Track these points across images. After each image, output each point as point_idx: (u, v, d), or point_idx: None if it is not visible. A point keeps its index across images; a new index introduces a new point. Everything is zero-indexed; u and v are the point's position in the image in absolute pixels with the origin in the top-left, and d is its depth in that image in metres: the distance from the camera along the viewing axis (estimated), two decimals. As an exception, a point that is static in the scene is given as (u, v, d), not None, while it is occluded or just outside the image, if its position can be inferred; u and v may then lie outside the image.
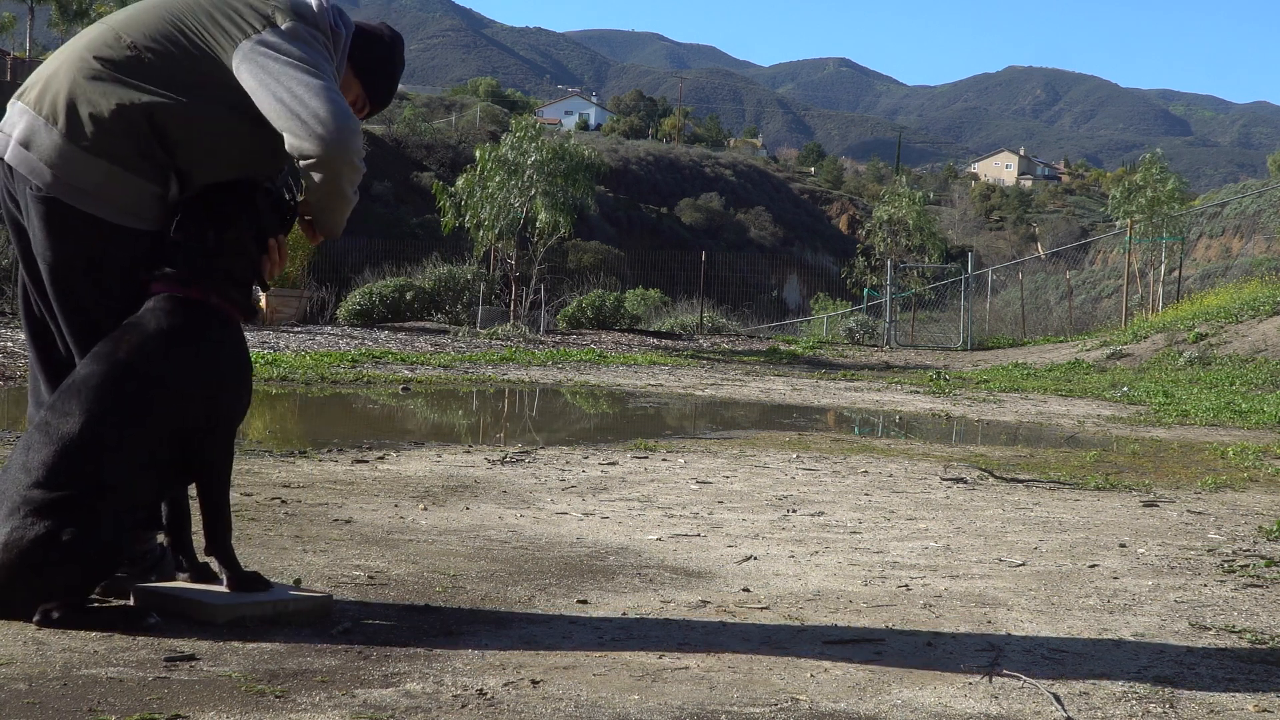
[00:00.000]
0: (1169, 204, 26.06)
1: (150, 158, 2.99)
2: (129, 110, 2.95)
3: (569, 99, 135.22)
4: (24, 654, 2.64)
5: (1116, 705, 2.67)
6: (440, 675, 2.66)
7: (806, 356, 20.25)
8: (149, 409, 2.91)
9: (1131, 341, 19.09)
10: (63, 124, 2.95)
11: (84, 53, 3.03)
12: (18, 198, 3.04)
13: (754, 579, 3.83)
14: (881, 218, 28.14)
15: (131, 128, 2.96)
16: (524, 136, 21.40)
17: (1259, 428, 10.10)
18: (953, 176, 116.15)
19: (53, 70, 3.05)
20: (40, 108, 2.98)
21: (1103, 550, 4.55)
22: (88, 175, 2.95)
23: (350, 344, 15.78)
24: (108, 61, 3.00)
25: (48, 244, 3.00)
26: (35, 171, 2.96)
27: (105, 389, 2.88)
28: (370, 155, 25.23)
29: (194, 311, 2.99)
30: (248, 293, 3.11)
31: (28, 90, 3.04)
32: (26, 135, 2.98)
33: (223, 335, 3.04)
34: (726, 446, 7.52)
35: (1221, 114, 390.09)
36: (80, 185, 2.95)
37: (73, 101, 2.96)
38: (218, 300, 3.02)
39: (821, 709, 2.57)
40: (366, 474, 5.74)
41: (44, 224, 2.99)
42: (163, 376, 2.93)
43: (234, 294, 3.05)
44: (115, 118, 2.95)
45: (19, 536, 2.77)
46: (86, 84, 2.98)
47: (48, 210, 2.98)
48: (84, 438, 2.84)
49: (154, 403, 2.92)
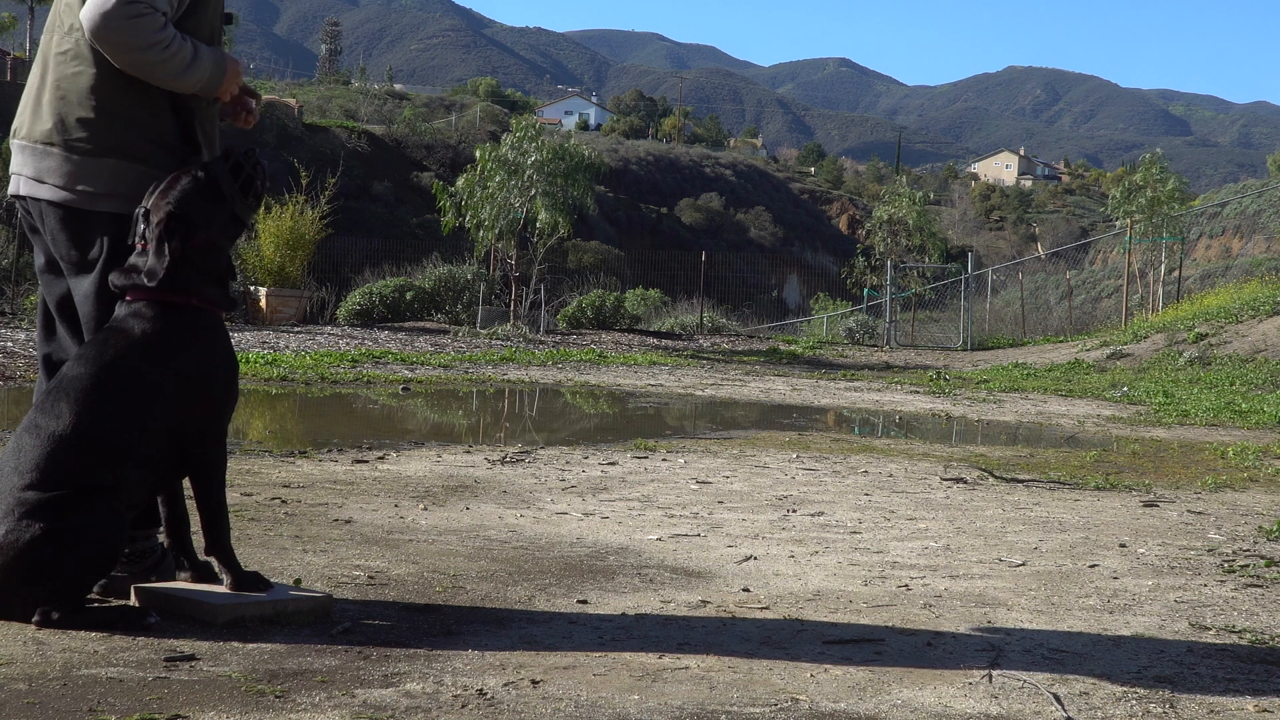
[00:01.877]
0: (1169, 204, 26.04)
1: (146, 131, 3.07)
2: (99, 90, 3.03)
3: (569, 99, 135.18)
4: (24, 654, 2.64)
5: (1116, 705, 2.68)
6: (440, 675, 2.66)
7: (806, 356, 20.25)
8: (138, 409, 2.91)
9: (1131, 341, 19.09)
10: (59, 140, 3.04)
11: (54, 52, 3.11)
12: (35, 223, 3.15)
13: (754, 579, 3.83)
14: (881, 218, 28.12)
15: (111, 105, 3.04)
16: (524, 136, 21.39)
17: (1259, 428, 10.10)
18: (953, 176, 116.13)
19: (35, 92, 3.12)
20: (34, 137, 3.08)
21: (1103, 550, 4.55)
22: (99, 178, 3.03)
23: (350, 344, 15.78)
24: (64, 54, 3.08)
25: (71, 247, 3.08)
26: (54, 199, 3.06)
27: (93, 390, 2.89)
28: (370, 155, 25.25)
29: (175, 314, 2.98)
30: (225, 286, 3.11)
31: (20, 126, 3.14)
32: (37, 170, 3.08)
33: (207, 335, 3.04)
34: (726, 446, 7.52)
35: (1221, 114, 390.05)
36: (95, 189, 3.04)
37: (60, 115, 3.04)
38: (199, 301, 3.02)
39: (821, 709, 2.57)
40: (366, 474, 5.74)
41: (64, 230, 3.07)
42: (150, 377, 2.93)
43: (212, 292, 3.05)
44: (98, 109, 3.03)
45: (14, 539, 2.77)
46: (65, 86, 3.05)
47: (65, 215, 3.06)
48: (74, 438, 2.84)
49: (143, 403, 2.92)
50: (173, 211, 2.97)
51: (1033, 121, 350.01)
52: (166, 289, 2.96)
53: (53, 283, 3.19)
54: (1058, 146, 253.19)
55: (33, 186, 3.09)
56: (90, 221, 3.05)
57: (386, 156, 50.55)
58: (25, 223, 3.20)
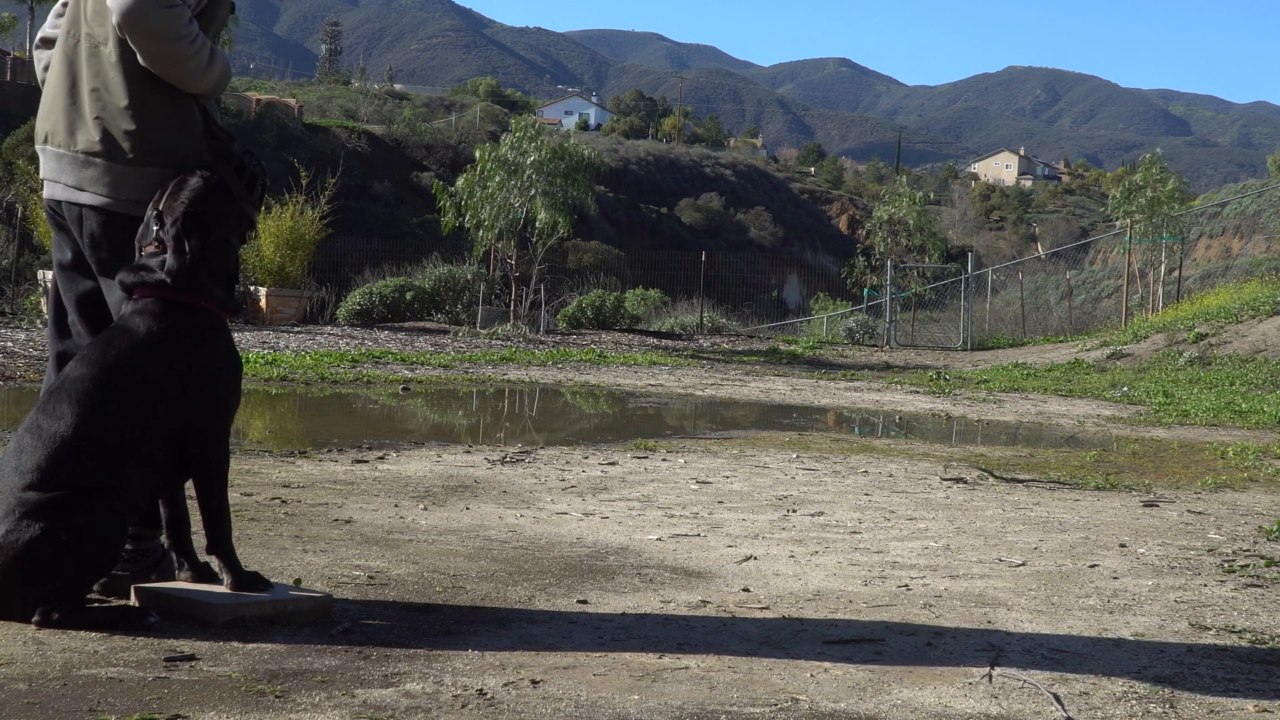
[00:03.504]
0: (1169, 204, 26.04)
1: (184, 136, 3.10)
2: (137, 102, 3.04)
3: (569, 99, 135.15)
4: (24, 654, 2.64)
5: (1116, 705, 2.68)
6: (440, 675, 2.66)
7: (806, 356, 20.25)
8: (140, 410, 2.91)
9: (1131, 341, 19.08)
10: (102, 151, 3.06)
11: (85, 64, 3.12)
12: (67, 222, 3.16)
13: (754, 579, 3.83)
14: (881, 218, 28.12)
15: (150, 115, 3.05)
16: (524, 136, 21.38)
17: (1259, 428, 10.10)
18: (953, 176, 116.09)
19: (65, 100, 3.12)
20: (74, 147, 3.10)
21: (1103, 550, 4.55)
22: (144, 186, 3.07)
23: (350, 344, 15.77)
24: (97, 67, 3.10)
25: (111, 251, 3.10)
26: (96, 204, 3.08)
27: (95, 391, 2.89)
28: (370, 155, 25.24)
29: (182, 315, 2.99)
30: (232, 289, 3.12)
31: (53, 134, 3.14)
32: (78, 180, 3.09)
33: (214, 336, 3.04)
34: (726, 446, 7.52)
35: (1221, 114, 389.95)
36: (140, 197, 3.08)
37: (104, 128, 3.06)
38: (206, 303, 3.03)
39: (821, 709, 2.57)
40: (366, 474, 5.74)
41: (106, 234, 3.10)
42: (152, 378, 2.94)
43: (219, 294, 3.06)
44: (139, 120, 3.05)
45: (14, 539, 2.77)
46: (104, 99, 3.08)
47: (108, 220, 3.09)
48: (76, 439, 2.85)
49: (144, 404, 2.92)
50: (190, 210, 2.99)
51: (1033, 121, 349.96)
52: (181, 288, 2.98)
53: (77, 281, 3.22)
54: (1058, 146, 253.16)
55: (72, 194, 3.10)
56: (134, 227, 3.08)
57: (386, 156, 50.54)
58: (52, 220, 3.21)
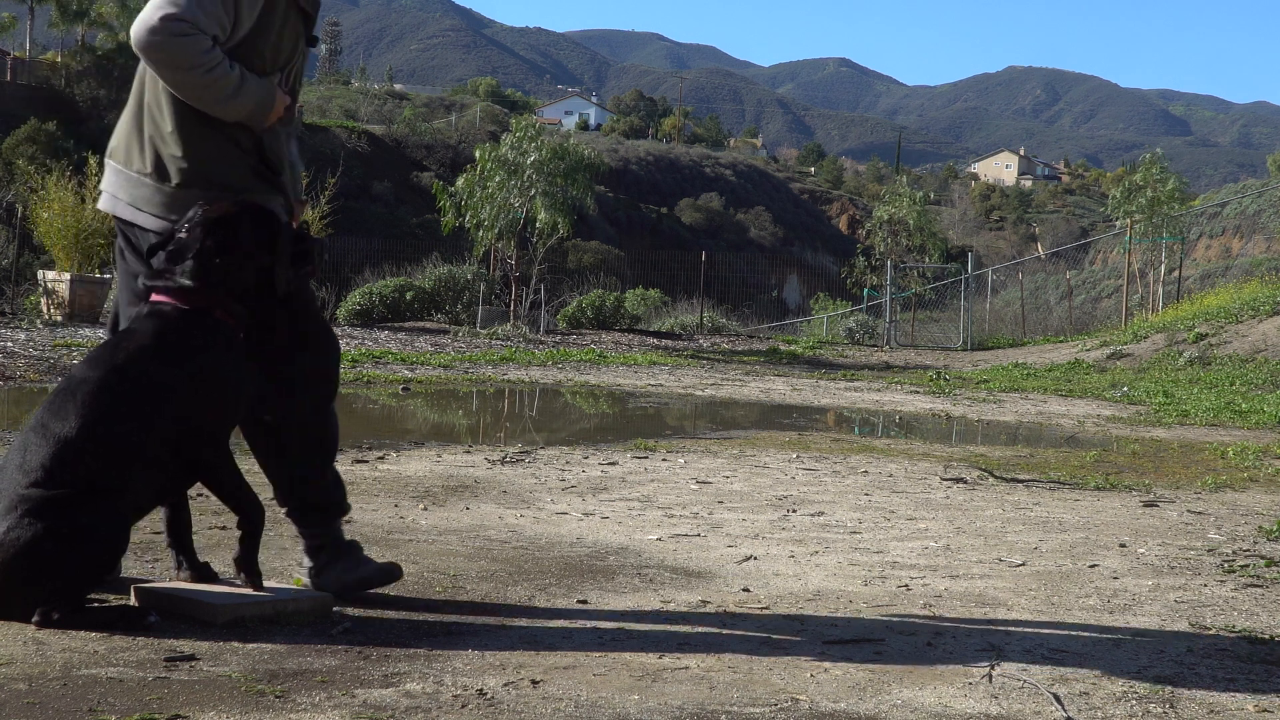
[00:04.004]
0: (1169, 204, 26.04)
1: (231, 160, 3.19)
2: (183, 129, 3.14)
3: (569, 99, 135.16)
4: (24, 654, 2.64)
5: (1116, 705, 2.68)
6: (440, 675, 2.66)
7: (806, 356, 20.24)
8: (145, 413, 2.92)
9: (1131, 341, 19.08)
10: (152, 173, 3.16)
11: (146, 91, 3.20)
12: (129, 246, 3.25)
13: (754, 579, 3.83)
14: (881, 218, 28.12)
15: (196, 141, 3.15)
16: (524, 136, 21.37)
17: (1259, 428, 10.10)
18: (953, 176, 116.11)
19: (132, 123, 3.22)
20: (131, 167, 3.20)
21: (1103, 550, 4.55)
22: (188, 209, 3.12)
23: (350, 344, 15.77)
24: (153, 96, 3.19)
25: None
26: (152, 225, 3.16)
27: (102, 393, 2.89)
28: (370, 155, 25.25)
29: (195, 318, 3.00)
30: (246, 307, 3.13)
31: (117, 150, 3.25)
32: (133, 198, 3.19)
33: (223, 341, 3.05)
34: (726, 446, 7.52)
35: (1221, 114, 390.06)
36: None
37: (156, 153, 3.16)
38: (221, 312, 3.04)
39: (821, 709, 2.57)
40: (366, 474, 5.74)
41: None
42: (160, 380, 2.94)
43: (234, 307, 3.08)
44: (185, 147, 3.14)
45: (15, 536, 2.77)
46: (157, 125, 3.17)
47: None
48: (80, 439, 2.85)
49: (151, 406, 2.92)
50: (216, 218, 3.04)
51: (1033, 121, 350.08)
52: (195, 291, 3.00)
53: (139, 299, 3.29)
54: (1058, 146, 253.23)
55: (132, 213, 3.20)
56: None
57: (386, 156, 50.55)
58: (122, 243, 3.28)
